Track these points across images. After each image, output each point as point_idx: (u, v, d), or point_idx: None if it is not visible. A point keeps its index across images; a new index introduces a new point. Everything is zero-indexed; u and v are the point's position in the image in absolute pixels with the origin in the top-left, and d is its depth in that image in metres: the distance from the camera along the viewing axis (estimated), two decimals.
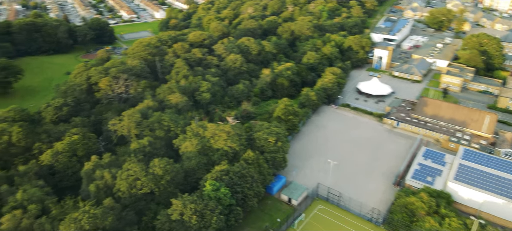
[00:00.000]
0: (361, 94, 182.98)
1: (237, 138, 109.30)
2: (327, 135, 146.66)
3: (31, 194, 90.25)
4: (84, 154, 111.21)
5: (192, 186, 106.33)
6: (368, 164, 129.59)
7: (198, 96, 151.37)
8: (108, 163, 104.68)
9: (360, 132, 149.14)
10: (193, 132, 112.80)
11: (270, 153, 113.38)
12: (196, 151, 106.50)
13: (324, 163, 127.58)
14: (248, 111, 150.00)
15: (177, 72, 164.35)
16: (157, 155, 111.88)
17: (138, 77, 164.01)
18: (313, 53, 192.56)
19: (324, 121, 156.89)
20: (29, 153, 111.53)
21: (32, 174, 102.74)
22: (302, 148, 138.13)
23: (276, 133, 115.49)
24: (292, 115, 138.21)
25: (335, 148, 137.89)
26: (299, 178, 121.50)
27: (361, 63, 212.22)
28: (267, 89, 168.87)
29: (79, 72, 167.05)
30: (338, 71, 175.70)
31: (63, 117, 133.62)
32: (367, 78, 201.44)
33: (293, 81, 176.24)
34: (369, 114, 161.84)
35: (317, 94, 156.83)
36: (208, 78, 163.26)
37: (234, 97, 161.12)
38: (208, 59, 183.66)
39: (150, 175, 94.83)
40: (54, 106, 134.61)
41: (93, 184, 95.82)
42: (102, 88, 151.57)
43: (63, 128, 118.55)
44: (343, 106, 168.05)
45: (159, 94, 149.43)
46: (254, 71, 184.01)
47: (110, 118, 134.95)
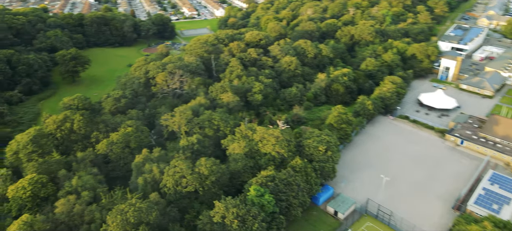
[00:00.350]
0: (422, 106, 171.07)
1: (285, 143, 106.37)
2: (381, 148, 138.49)
3: (85, 181, 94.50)
4: (136, 146, 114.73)
5: (237, 188, 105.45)
6: (425, 183, 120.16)
7: (250, 97, 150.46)
8: (157, 157, 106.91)
9: (419, 147, 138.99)
10: (241, 133, 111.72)
11: (319, 162, 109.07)
12: (243, 154, 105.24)
13: (376, 177, 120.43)
14: (299, 116, 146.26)
15: (231, 71, 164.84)
16: (204, 153, 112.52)
17: (193, 74, 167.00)
18: (372, 59, 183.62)
19: (379, 132, 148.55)
20: (87, 140, 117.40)
21: (88, 161, 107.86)
22: (353, 158, 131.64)
23: (326, 141, 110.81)
24: (345, 124, 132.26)
25: (389, 162, 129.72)
26: (348, 191, 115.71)
27: (425, 73, 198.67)
28: (321, 94, 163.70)
29: (139, 66, 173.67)
30: (398, 81, 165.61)
31: (120, 108, 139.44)
32: (431, 89, 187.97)
33: (349, 88, 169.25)
34: (430, 129, 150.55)
35: (373, 104, 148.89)
36: (261, 79, 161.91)
37: (286, 101, 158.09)
38: (263, 60, 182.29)
39: (195, 174, 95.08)
40: (113, 97, 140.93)
41: (142, 177, 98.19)
42: (158, 83, 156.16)
43: (119, 119, 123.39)
44: (401, 118, 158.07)
45: (211, 92, 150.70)
46: (309, 75, 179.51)
47: (163, 112, 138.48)
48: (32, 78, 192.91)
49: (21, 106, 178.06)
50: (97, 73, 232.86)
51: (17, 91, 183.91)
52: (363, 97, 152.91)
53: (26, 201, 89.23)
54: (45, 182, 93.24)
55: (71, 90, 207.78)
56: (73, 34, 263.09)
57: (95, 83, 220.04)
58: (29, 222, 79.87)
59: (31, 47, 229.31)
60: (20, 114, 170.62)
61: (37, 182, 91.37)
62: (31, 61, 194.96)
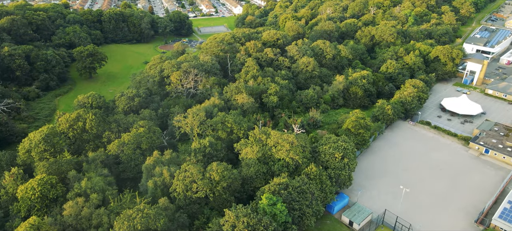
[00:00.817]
0: (444, 111, 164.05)
1: (300, 149, 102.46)
2: (400, 155, 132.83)
3: (95, 183, 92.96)
4: (148, 147, 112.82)
5: (249, 194, 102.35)
6: (446, 194, 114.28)
7: (265, 98, 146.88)
8: (168, 160, 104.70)
9: (440, 155, 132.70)
10: (255, 137, 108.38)
11: (334, 169, 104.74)
12: (256, 159, 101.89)
13: (394, 186, 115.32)
14: (315, 120, 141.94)
15: (246, 72, 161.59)
16: (217, 157, 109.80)
17: (208, 73, 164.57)
18: (393, 62, 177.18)
19: (398, 138, 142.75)
20: (99, 140, 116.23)
21: (99, 162, 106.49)
22: (370, 165, 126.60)
23: (343, 148, 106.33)
24: (363, 129, 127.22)
25: (408, 171, 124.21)
26: (364, 200, 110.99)
27: (448, 76, 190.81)
28: (339, 97, 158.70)
29: (154, 64, 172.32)
30: (420, 85, 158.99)
31: (134, 107, 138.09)
32: (454, 94, 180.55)
33: (368, 91, 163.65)
34: (452, 136, 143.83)
35: (393, 108, 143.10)
36: (277, 80, 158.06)
37: (302, 103, 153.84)
38: (280, 60, 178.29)
39: (206, 179, 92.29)
40: (127, 96, 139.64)
41: (152, 181, 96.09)
42: (173, 82, 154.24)
43: (132, 119, 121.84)
44: (422, 123, 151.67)
45: (226, 93, 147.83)
46: (327, 76, 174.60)
47: (176, 113, 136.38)
48: (50, 74, 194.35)
49: (38, 102, 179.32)
50: (114, 70, 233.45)
51: (34, 87, 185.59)
52: (382, 102, 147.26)
53: (35, 202, 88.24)
54: (54, 183, 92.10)
55: (88, 87, 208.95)
56: (92, 30, 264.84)
57: (111, 79, 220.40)
58: (36, 225, 78.66)
59: (50, 43, 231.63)
60: (37, 110, 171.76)
61: (46, 183, 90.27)
62: (49, 57, 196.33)
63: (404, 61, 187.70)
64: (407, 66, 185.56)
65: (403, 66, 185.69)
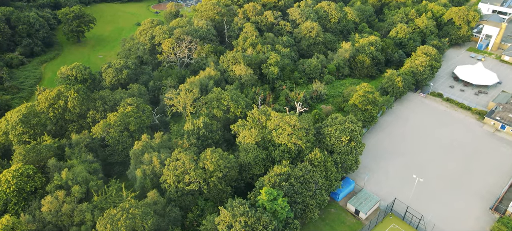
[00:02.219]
0: (457, 81, 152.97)
1: (303, 133, 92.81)
2: (410, 131, 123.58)
3: (77, 173, 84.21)
4: (137, 129, 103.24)
5: (247, 182, 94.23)
6: (458, 176, 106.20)
7: (265, 69, 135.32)
8: (159, 144, 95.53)
9: (452, 132, 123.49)
10: (253, 118, 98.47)
11: (340, 154, 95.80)
12: (254, 144, 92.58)
13: (403, 168, 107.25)
14: (319, 93, 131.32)
15: (244, 38, 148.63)
16: (212, 139, 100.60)
17: (203, 40, 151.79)
18: (403, 26, 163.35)
19: (407, 112, 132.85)
20: (84, 120, 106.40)
21: (83, 146, 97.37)
22: (378, 144, 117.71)
23: (350, 130, 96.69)
24: (371, 105, 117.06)
25: (417, 149, 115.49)
26: (371, 184, 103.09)
27: (462, 41, 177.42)
28: (344, 66, 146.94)
29: (145, 29, 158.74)
30: (433, 52, 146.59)
31: (122, 80, 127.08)
32: (467, 60, 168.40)
33: (376, 59, 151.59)
34: (466, 109, 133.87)
35: (404, 80, 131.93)
36: (278, 48, 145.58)
37: (305, 73, 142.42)
38: (281, 24, 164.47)
39: (199, 170, 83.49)
40: (114, 68, 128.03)
41: (140, 170, 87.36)
42: (165, 51, 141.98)
43: (119, 96, 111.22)
44: (433, 95, 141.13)
45: (222, 63, 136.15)
46: (331, 42, 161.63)
47: (169, 86, 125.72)
48: (34, 39, 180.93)
49: (22, 70, 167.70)
50: (104, 33, 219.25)
51: (17, 53, 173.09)
52: (391, 72, 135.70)
53: (11, 196, 79.94)
54: (32, 174, 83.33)
55: (76, 52, 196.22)
56: None
57: (101, 43, 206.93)
58: (10, 226, 70.73)
59: (33, 3, 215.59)
60: (21, 79, 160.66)
61: (22, 175, 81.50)
62: (32, 20, 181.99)
63: (415, 25, 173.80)
64: (419, 30, 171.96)
65: (414, 30, 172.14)
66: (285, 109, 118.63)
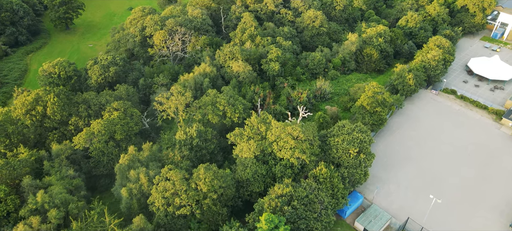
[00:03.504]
0: (471, 75, 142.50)
1: (307, 145, 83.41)
2: (421, 133, 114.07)
3: (55, 194, 75.26)
4: (124, 137, 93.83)
5: (245, 199, 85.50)
6: (475, 186, 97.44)
7: (265, 65, 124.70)
8: (148, 158, 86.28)
9: (467, 134, 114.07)
10: (252, 128, 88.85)
11: (348, 167, 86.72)
12: (253, 158, 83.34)
13: (415, 177, 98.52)
14: (323, 91, 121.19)
15: (243, 29, 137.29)
16: (206, 149, 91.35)
17: (197, 31, 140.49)
18: (414, 15, 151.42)
19: (419, 112, 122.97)
20: (65, 127, 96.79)
21: (64, 158, 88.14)
22: (387, 149, 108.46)
23: (359, 141, 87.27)
24: (380, 106, 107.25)
25: (430, 155, 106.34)
26: (381, 197, 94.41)
27: (476, 29, 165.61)
28: (350, 60, 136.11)
29: (135, 18, 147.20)
30: (446, 44, 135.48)
31: (109, 79, 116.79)
32: (481, 51, 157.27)
33: (384, 52, 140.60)
34: (482, 108, 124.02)
35: (415, 77, 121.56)
36: (278, 41, 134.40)
37: (308, 68, 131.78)
38: (282, 13, 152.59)
39: (192, 191, 74.56)
40: (101, 64, 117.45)
41: (126, 189, 78.43)
42: (156, 44, 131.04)
43: (104, 99, 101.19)
44: (446, 92, 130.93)
45: (219, 57, 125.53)
46: (336, 33, 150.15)
47: (160, 84, 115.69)
48: (18, 27, 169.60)
49: (6, 61, 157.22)
50: (94, 19, 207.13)
51: (0, 44, 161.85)
52: (401, 68, 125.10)
53: None
54: (3, 197, 74.39)
55: (64, 40, 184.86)
56: None
57: (91, 30, 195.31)
58: None
59: None
60: (4, 72, 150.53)
61: None
62: (15, 7, 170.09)
63: (426, 12, 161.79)
64: (430, 18, 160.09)
65: (425, 18, 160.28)
66: (288, 115, 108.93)
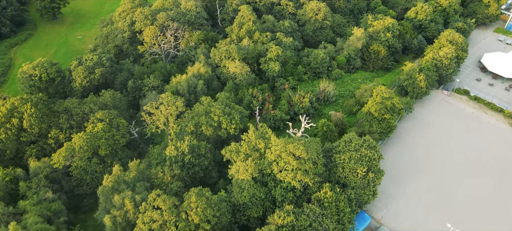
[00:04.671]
0: (485, 72, 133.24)
1: (310, 165, 75.13)
2: (433, 141, 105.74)
3: (29, 225, 67.45)
4: (109, 153, 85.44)
5: (241, 224, 77.86)
6: (492, 205, 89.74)
7: (264, 65, 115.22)
8: (134, 178, 78.10)
9: (482, 141, 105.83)
10: (249, 144, 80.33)
11: (355, 188, 78.81)
12: (251, 179, 75.26)
13: (426, 193, 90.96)
14: (327, 94, 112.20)
15: (240, 25, 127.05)
16: (200, 165, 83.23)
17: (191, 25, 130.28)
18: (424, 6, 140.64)
19: (429, 116, 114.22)
20: (45, 141, 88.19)
21: (43, 177, 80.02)
22: (396, 160, 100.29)
23: (368, 159, 79.02)
24: (389, 113, 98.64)
25: (443, 166, 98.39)
26: (389, 217, 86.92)
27: (489, 20, 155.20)
28: (356, 58, 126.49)
29: (125, 10, 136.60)
30: (460, 40, 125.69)
31: (95, 82, 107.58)
32: (495, 44, 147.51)
33: (392, 48, 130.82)
34: (497, 111, 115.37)
35: (426, 78, 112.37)
36: (279, 37, 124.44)
37: (311, 67, 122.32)
38: (282, 4, 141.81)
39: (182, 222, 66.76)
40: (86, 65, 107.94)
41: (110, 217, 70.59)
42: (146, 42, 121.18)
43: (88, 108, 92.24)
44: (458, 93, 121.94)
45: (214, 56, 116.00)
46: (340, 26, 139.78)
47: (151, 85, 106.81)
48: (1, 18, 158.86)
49: None
50: (83, 6, 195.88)
51: None
52: (411, 67, 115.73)
53: None
54: None
55: (51, 32, 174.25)
56: None
57: (80, 20, 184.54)
58: None
59: None
60: None
61: None
62: None
63: (437, 2, 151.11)
64: (441, 9, 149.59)
65: (435, 9, 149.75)
66: (289, 125, 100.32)
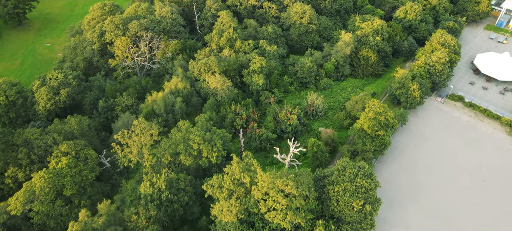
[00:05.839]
0: (478, 74, 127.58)
1: (301, 201, 67.57)
2: (430, 155, 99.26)
3: None
4: (76, 192, 76.10)
5: None
6: (496, 222, 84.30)
7: (247, 77, 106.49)
8: (105, 224, 69.21)
9: (480, 154, 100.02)
10: (233, 178, 72.14)
11: (351, 223, 71.74)
12: (236, 221, 67.34)
13: (426, 217, 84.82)
14: (315, 108, 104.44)
15: (220, 32, 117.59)
16: (179, 202, 74.80)
17: (167, 33, 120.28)
18: (414, 5, 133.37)
19: (424, 127, 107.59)
20: (1, 180, 78.16)
21: None
22: (392, 180, 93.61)
23: (364, 190, 71.87)
24: (383, 129, 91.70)
25: (442, 183, 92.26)
26: None
27: (480, 17, 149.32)
28: (345, 65, 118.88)
29: (94, 18, 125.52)
30: (452, 42, 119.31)
31: (60, 104, 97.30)
32: (486, 43, 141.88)
33: (382, 52, 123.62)
34: (494, 119, 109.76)
35: (420, 86, 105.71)
36: (262, 45, 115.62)
37: (297, 77, 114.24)
38: (265, 7, 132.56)
39: None
40: (49, 85, 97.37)
41: None
42: (118, 55, 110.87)
43: (51, 139, 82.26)
44: (452, 99, 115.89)
45: (192, 69, 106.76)
46: (327, 29, 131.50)
47: (124, 105, 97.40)
48: None
49: None
50: (52, 10, 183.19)
51: None
52: (403, 74, 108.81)
53: None
54: None
55: (17, 39, 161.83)
56: None
57: (49, 25, 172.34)
58: None
59: None
60: None
61: None
62: None
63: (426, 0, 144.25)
64: (430, 7, 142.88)
65: (424, 7, 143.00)
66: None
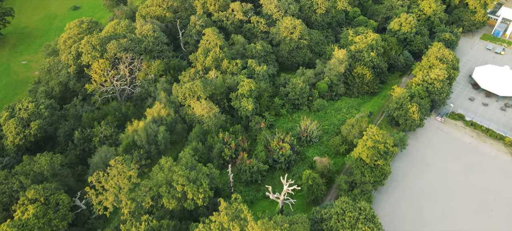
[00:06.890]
0: (477, 89, 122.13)
1: None
2: (432, 183, 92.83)
3: None
4: None
5: None
6: None
7: (235, 102, 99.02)
8: None
9: (484, 180, 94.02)
10: (222, 228, 64.78)
11: None
12: None
13: None
14: (309, 133, 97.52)
15: (205, 51, 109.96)
16: None
17: (150, 53, 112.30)
18: (409, 17, 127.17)
19: (424, 150, 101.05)
20: None
21: None
22: (394, 212, 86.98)
23: None
24: (383, 158, 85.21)
25: (447, 214, 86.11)
26: None
27: (476, 27, 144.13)
28: (339, 83, 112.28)
29: (70, 37, 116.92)
30: (451, 58, 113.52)
31: (31, 137, 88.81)
32: (483, 54, 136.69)
33: (378, 68, 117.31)
34: (497, 139, 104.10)
35: (419, 108, 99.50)
36: (251, 65, 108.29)
37: (289, 99, 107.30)
38: (253, 21, 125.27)
39: None
40: (18, 117, 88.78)
41: None
42: (95, 80, 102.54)
43: (17, 183, 73.91)
44: (453, 118, 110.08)
45: (176, 94, 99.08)
46: (319, 44, 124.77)
47: (102, 137, 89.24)
48: None
49: None
50: (29, 23, 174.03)
51: None
52: (401, 93, 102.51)
53: None
54: None
55: None
56: None
57: (25, 41, 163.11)
58: None
59: None
60: None
61: None
62: None
63: (420, 10, 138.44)
64: (425, 17, 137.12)
65: (419, 18, 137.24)
66: (268, 189, 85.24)
